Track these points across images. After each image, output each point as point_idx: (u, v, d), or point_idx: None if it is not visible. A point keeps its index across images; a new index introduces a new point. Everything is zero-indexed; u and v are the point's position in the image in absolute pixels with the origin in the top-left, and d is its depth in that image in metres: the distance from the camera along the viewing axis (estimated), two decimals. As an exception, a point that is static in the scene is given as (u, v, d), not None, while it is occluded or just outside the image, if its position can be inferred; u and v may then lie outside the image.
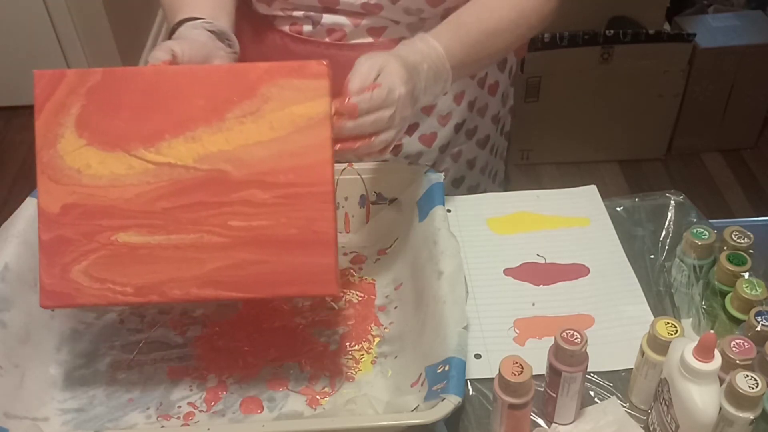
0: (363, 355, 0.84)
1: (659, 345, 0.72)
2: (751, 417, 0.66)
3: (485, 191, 1.15)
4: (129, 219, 0.75)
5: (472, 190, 1.13)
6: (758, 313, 0.75)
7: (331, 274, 0.74)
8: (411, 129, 1.02)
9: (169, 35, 0.85)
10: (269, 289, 0.75)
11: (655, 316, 0.85)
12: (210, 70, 0.78)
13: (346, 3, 0.90)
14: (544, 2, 0.91)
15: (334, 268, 0.74)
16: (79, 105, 0.75)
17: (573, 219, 1.01)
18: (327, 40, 0.94)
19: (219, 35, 0.85)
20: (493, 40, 0.89)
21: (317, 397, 0.80)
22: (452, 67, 0.84)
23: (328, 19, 0.92)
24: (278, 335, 0.87)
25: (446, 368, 0.69)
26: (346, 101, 0.75)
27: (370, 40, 0.94)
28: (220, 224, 0.74)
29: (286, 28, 0.96)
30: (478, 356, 0.83)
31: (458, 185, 1.11)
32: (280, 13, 0.95)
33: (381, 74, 0.77)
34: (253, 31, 0.99)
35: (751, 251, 0.84)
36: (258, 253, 0.74)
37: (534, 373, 0.69)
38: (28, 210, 0.86)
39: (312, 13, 0.93)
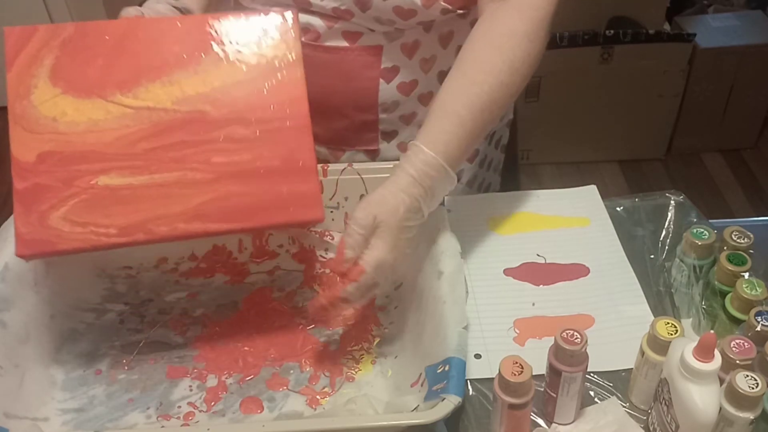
0: (363, 355, 0.84)
1: (659, 345, 0.72)
2: (751, 417, 0.66)
3: None
4: (109, 162, 0.75)
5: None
6: (758, 313, 0.75)
7: (316, 198, 0.78)
8: (389, 136, 1.02)
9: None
10: (256, 219, 0.77)
11: (655, 316, 0.85)
12: (182, 19, 0.80)
13: (318, 5, 0.89)
14: (532, 45, 0.83)
15: (317, 193, 0.78)
16: (53, 57, 0.75)
17: (573, 219, 1.01)
18: (303, 39, 0.91)
19: (183, 11, 0.85)
20: (489, 114, 0.82)
21: (317, 397, 0.80)
22: (455, 165, 0.80)
23: (302, 18, 0.90)
24: (278, 335, 0.87)
25: (446, 368, 0.69)
26: (339, 291, 0.74)
27: (345, 44, 0.92)
28: (203, 161, 0.76)
29: None
30: (478, 356, 0.83)
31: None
32: (260, 7, 0.93)
33: (372, 241, 0.75)
34: None
35: (751, 251, 0.84)
36: (243, 185, 0.76)
37: (534, 373, 0.69)
38: (28, 210, 0.86)
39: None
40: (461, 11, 0.89)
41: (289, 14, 0.81)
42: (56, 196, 0.74)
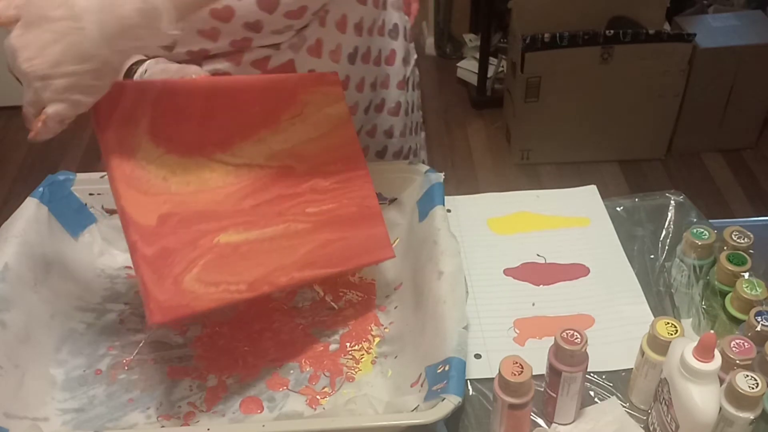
0: (363, 355, 0.84)
1: (659, 345, 0.72)
2: (751, 417, 0.66)
3: (414, 155, 1.15)
4: (225, 220, 0.76)
5: (397, 155, 1.11)
6: (758, 313, 0.75)
7: (386, 239, 0.88)
8: None
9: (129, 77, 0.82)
10: (350, 262, 0.85)
11: (655, 316, 0.85)
12: (255, 81, 0.84)
13: (216, 47, 0.86)
14: None
15: (387, 234, 0.88)
16: (148, 115, 0.73)
17: (573, 219, 1.01)
18: None
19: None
20: None
21: (317, 397, 0.80)
22: None
23: (207, 67, 0.88)
24: (278, 335, 0.87)
25: (446, 368, 0.69)
26: None
27: (257, 72, 0.90)
28: (300, 212, 0.81)
29: None
30: (478, 356, 0.83)
31: (383, 155, 1.09)
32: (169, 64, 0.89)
33: None
34: None
35: (751, 251, 0.84)
36: (335, 232, 0.83)
37: (534, 373, 0.69)
38: (28, 210, 0.86)
39: (190, 66, 0.88)
40: None
41: (335, 75, 0.87)
42: (185, 258, 0.72)
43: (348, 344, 0.85)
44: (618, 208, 1.03)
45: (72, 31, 0.63)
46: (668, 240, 0.97)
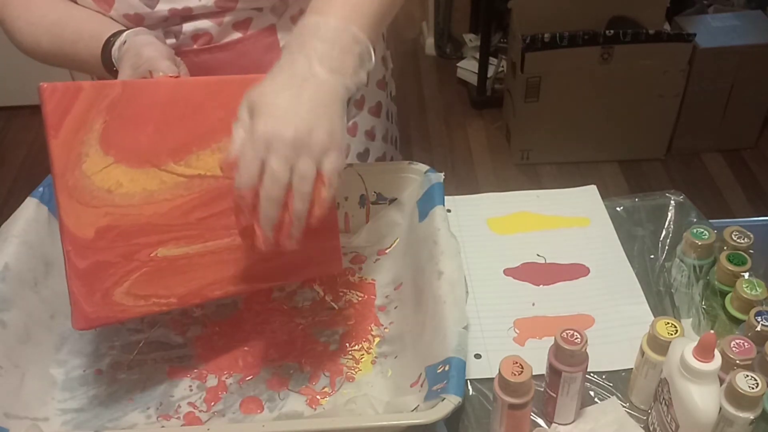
0: (363, 355, 0.84)
1: (659, 345, 0.72)
2: (751, 417, 0.66)
3: (393, 159, 1.14)
4: (166, 234, 0.75)
5: (381, 160, 1.11)
6: (758, 313, 0.75)
7: (337, 253, 0.84)
8: None
9: (107, 52, 0.83)
10: (292, 275, 0.83)
11: (655, 316, 0.85)
12: (224, 83, 0.79)
13: (200, 7, 0.86)
14: None
15: (339, 248, 0.84)
16: (102, 120, 0.71)
17: (573, 219, 1.01)
18: (195, 47, 0.90)
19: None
20: None
21: (317, 397, 0.80)
22: (359, 25, 0.70)
23: (188, 27, 0.88)
24: (278, 335, 0.87)
25: (446, 368, 0.69)
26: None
27: (238, 35, 0.90)
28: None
29: None
30: (478, 356, 0.83)
31: (365, 158, 1.09)
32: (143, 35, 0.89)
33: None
34: None
35: (751, 251, 0.84)
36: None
37: (534, 373, 0.69)
38: (28, 210, 0.86)
39: (171, 27, 0.88)
40: None
41: None
42: (118, 272, 0.73)
43: (348, 344, 0.85)
44: (618, 208, 1.03)
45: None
46: (668, 240, 0.97)
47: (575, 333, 0.71)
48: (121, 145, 0.73)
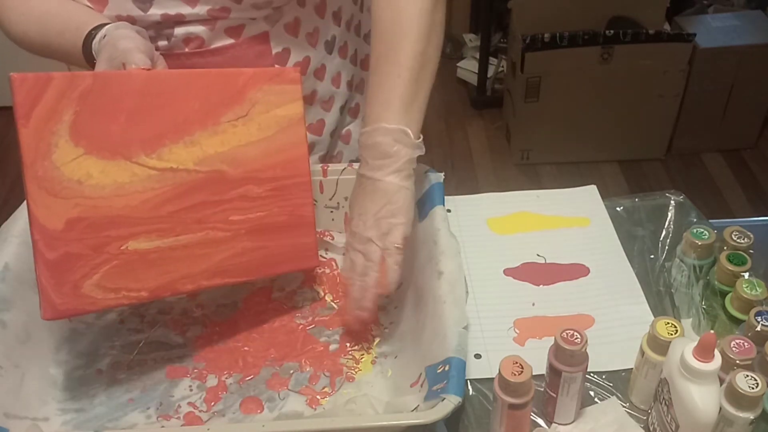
0: (363, 355, 0.84)
1: (659, 345, 0.72)
2: (751, 417, 0.66)
3: None
4: (137, 226, 0.75)
5: None
6: (758, 313, 0.75)
7: (313, 249, 0.86)
8: None
9: (88, 45, 0.83)
10: (265, 270, 0.83)
11: (655, 316, 0.85)
12: (200, 74, 0.79)
13: (192, 14, 0.86)
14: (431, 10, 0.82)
15: (315, 244, 0.86)
16: (72, 111, 0.71)
17: (573, 219, 1.01)
18: (186, 50, 0.89)
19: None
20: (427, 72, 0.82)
21: (317, 397, 0.80)
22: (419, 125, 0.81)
23: (180, 30, 0.88)
24: (278, 335, 0.87)
25: (446, 368, 0.69)
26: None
27: (230, 41, 0.90)
28: (222, 220, 0.79)
29: None
30: (478, 356, 0.83)
31: None
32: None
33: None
34: None
35: (751, 251, 0.84)
36: (255, 241, 0.81)
37: (534, 373, 0.69)
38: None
39: (164, 30, 0.88)
40: None
41: (296, 73, 0.82)
42: (88, 264, 0.72)
43: (348, 344, 0.85)
44: (618, 208, 1.03)
45: None
46: (668, 240, 0.97)
47: (575, 333, 0.71)
48: (92, 136, 0.72)
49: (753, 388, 0.65)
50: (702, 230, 0.87)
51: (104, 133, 0.73)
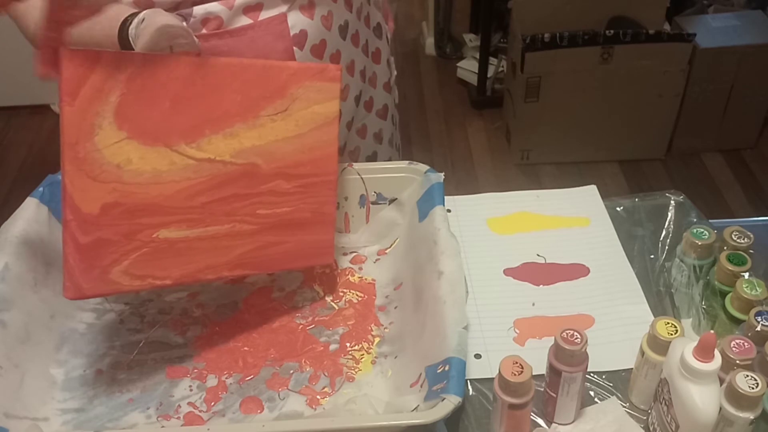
0: (363, 355, 0.84)
1: (659, 345, 0.72)
2: (751, 417, 0.66)
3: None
4: (169, 216, 0.75)
5: None
6: (758, 313, 0.75)
7: (330, 246, 0.87)
8: None
9: (124, 31, 0.81)
10: (284, 264, 0.85)
11: (655, 316, 0.85)
12: (245, 66, 0.79)
13: None
14: None
15: (332, 242, 0.88)
16: (118, 93, 0.70)
17: (573, 219, 1.01)
18: (204, 31, 0.88)
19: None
20: None
21: (317, 397, 0.80)
22: None
23: (199, 10, 0.87)
24: (278, 335, 0.87)
25: (446, 368, 0.69)
26: None
27: (248, 21, 0.89)
28: (250, 213, 0.80)
29: None
30: (478, 356, 0.83)
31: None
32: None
33: None
34: None
35: (751, 251, 0.84)
36: (279, 236, 0.82)
37: (534, 373, 0.69)
38: (28, 210, 0.86)
39: (182, 10, 0.87)
40: None
41: (338, 72, 0.83)
42: (119, 251, 0.72)
43: (348, 344, 0.85)
44: (618, 208, 1.03)
45: None
46: (668, 240, 0.97)
47: (575, 333, 0.71)
48: (136, 120, 0.72)
49: (753, 388, 0.65)
50: (702, 230, 0.87)
51: (147, 118, 0.72)
